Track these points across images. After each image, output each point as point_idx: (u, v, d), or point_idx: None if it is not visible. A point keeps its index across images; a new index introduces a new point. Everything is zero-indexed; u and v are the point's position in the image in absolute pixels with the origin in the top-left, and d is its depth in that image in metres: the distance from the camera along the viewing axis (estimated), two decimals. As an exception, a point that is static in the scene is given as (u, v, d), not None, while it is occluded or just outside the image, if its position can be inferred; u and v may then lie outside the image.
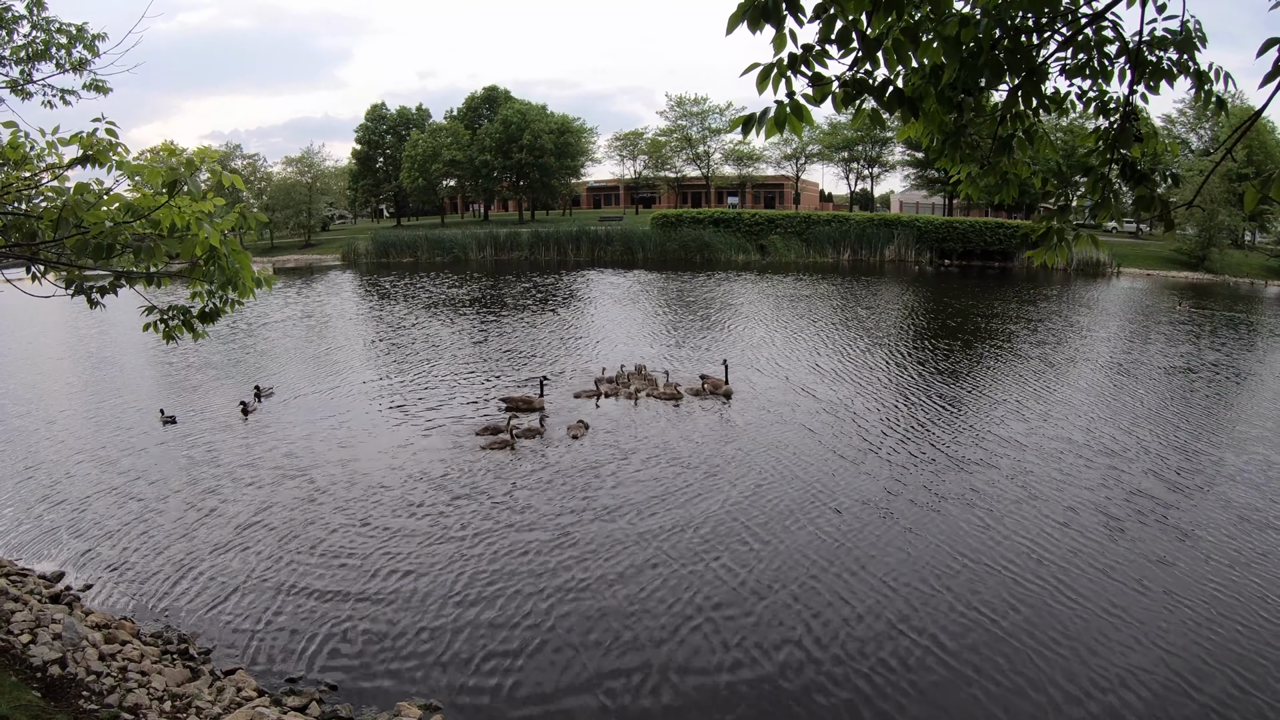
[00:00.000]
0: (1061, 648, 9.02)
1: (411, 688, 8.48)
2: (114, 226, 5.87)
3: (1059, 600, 10.07)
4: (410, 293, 46.75)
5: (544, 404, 19.45)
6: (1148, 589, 10.37)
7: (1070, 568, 10.93)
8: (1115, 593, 10.27)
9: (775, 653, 9.02)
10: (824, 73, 4.62)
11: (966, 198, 6.23)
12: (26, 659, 7.94)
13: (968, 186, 6.03)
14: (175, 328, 7.13)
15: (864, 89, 4.82)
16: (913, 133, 5.59)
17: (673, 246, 68.01)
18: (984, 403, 19.80)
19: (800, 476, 14.47)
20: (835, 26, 4.53)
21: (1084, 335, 30.27)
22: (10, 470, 15.50)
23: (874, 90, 4.86)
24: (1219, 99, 5.20)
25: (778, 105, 4.54)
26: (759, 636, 9.35)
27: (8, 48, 9.67)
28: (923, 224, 67.45)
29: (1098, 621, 9.57)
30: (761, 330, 30.69)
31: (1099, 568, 10.95)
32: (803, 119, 4.55)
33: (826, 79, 4.66)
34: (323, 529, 12.50)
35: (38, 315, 37.32)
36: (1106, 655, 8.88)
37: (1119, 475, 14.51)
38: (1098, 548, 11.57)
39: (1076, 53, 5.09)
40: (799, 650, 9.05)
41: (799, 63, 4.51)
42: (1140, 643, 9.14)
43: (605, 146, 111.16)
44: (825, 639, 9.27)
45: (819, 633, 9.41)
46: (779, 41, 4.37)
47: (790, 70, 4.49)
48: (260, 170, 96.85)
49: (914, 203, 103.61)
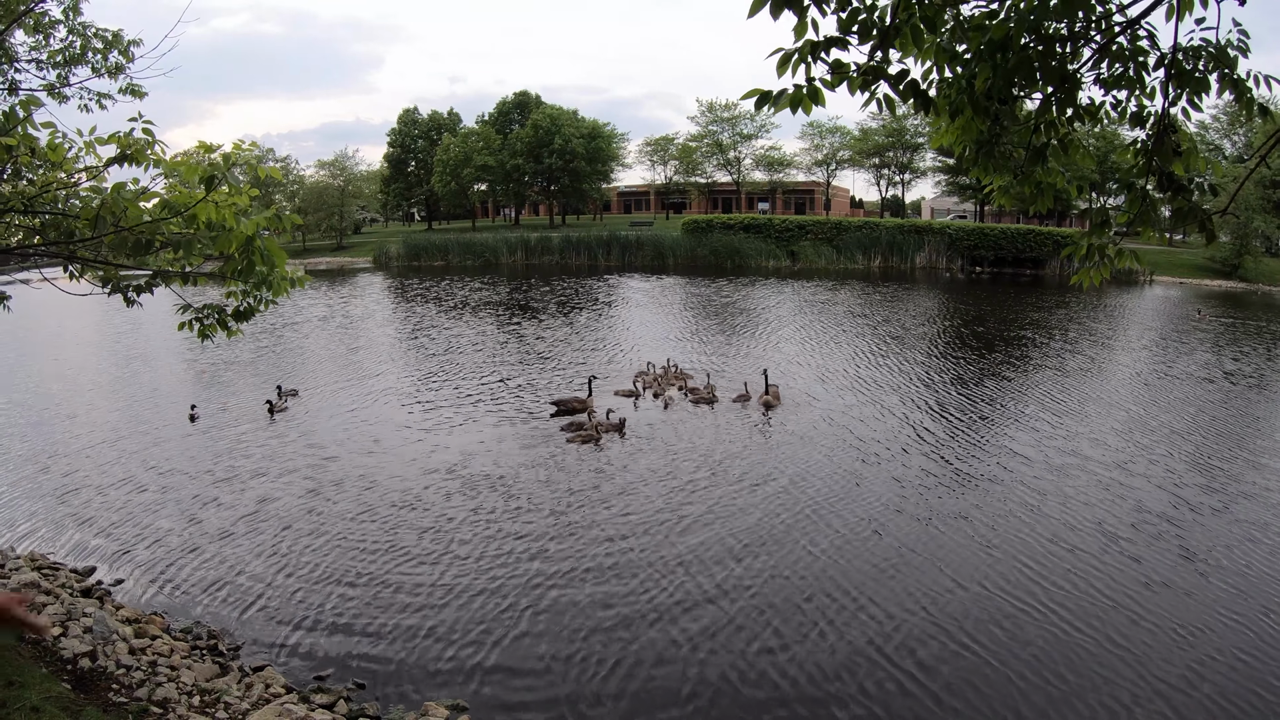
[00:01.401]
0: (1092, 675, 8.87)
1: (439, 687, 8.49)
2: (152, 223, 5.94)
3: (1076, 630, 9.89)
4: (441, 296, 47.03)
5: (594, 404, 19.45)
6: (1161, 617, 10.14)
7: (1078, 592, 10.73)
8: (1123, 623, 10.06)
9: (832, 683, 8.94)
10: (844, 59, 4.69)
11: (999, 205, 6.16)
12: (57, 651, 8.03)
13: (1001, 196, 5.97)
14: (210, 327, 7.20)
15: (880, 75, 4.81)
16: (946, 140, 5.55)
17: (703, 252, 67.85)
18: (1019, 416, 19.48)
19: (840, 489, 14.35)
20: (858, 18, 4.60)
21: (1111, 345, 29.70)
22: (43, 466, 15.74)
23: (890, 78, 4.86)
24: (1261, 106, 5.08)
25: (795, 88, 4.62)
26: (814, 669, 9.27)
27: (44, 51, 9.84)
28: (954, 231, 66.82)
29: (1103, 653, 9.38)
30: (793, 337, 30.52)
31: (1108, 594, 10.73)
32: (817, 101, 4.64)
33: (845, 65, 4.71)
34: (351, 528, 12.57)
35: (73, 312, 37.86)
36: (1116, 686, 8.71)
37: (1138, 492, 14.10)
38: (1102, 568, 11.21)
39: (1112, 63, 5.00)
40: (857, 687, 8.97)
41: (819, 49, 4.56)
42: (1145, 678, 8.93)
43: (636, 152, 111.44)
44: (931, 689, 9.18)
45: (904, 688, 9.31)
46: (800, 29, 4.42)
47: (811, 57, 4.55)
48: (292, 173, 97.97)
49: (945, 209, 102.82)
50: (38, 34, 9.72)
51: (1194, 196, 5.38)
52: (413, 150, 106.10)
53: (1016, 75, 4.82)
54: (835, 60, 4.62)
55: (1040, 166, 5.67)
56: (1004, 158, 5.67)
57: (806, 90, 4.60)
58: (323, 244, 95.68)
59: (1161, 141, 5.24)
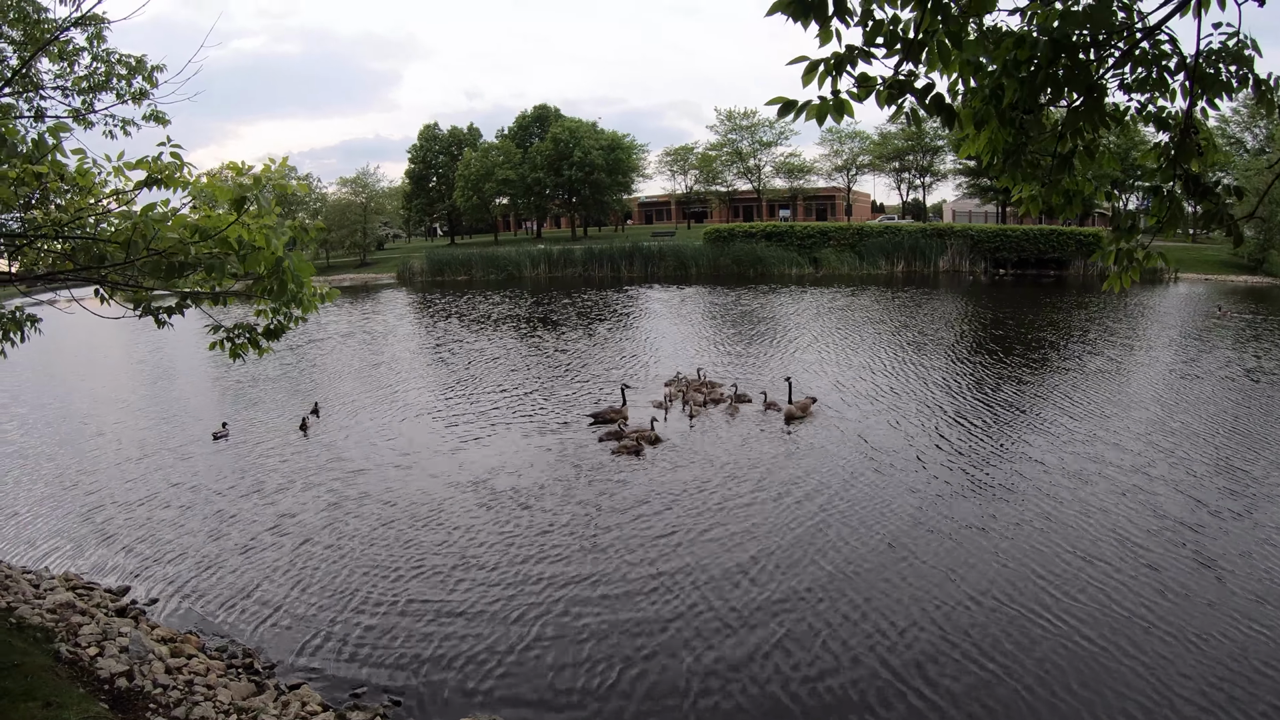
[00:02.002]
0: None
1: (474, 706, 8.46)
2: (183, 245, 5.99)
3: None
4: (466, 310, 47.26)
5: (627, 412, 19.50)
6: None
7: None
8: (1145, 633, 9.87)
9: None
10: (869, 72, 4.63)
11: (1026, 211, 6.12)
12: (94, 671, 8.08)
13: (1031, 206, 5.92)
14: (241, 346, 7.24)
15: (906, 89, 4.77)
16: (972, 150, 5.51)
17: (725, 261, 67.72)
18: (1038, 420, 19.22)
19: (862, 501, 14.25)
20: (881, 29, 4.53)
21: (1131, 345, 29.09)
22: (76, 486, 15.91)
23: (916, 92, 4.81)
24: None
25: (820, 100, 4.56)
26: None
27: (69, 79, 9.96)
28: (976, 233, 66.38)
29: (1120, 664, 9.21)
30: (816, 345, 30.37)
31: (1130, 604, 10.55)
32: (844, 112, 4.59)
33: (871, 79, 4.65)
34: (384, 545, 12.61)
35: (99, 334, 38.30)
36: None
37: (1157, 497, 13.82)
38: (1118, 576, 10.98)
39: (1135, 67, 4.96)
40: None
41: (845, 61, 4.50)
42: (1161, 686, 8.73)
43: (656, 162, 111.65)
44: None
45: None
46: (824, 36, 4.35)
47: (836, 70, 4.50)
48: (315, 191, 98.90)
49: (967, 211, 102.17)
50: (62, 61, 9.85)
51: (1220, 200, 5.32)
52: (434, 166, 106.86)
53: (1044, 87, 4.77)
54: (861, 74, 4.57)
55: (1067, 174, 5.62)
56: (1031, 166, 5.62)
57: (833, 102, 4.55)
58: (346, 261, 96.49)
59: (1184, 143, 5.20)
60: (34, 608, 9.62)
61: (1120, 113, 5.22)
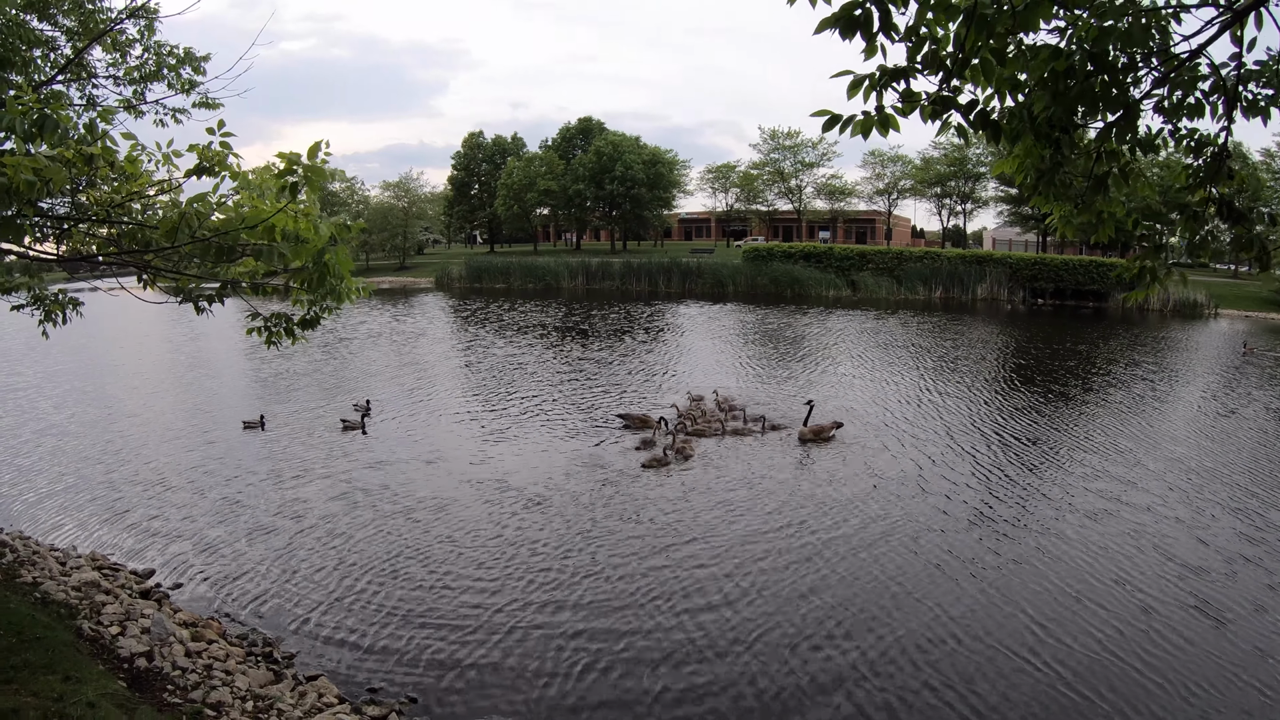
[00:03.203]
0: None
1: (491, 706, 8.43)
2: (233, 233, 6.08)
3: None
4: (503, 318, 47.55)
5: (655, 420, 19.61)
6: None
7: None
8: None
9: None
10: (914, 88, 4.69)
11: (1061, 235, 6.13)
12: (115, 649, 8.17)
13: (1062, 226, 5.95)
14: (276, 334, 7.33)
15: (950, 105, 4.78)
16: (1007, 168, 5.54)
17: (763, 280, 67.45)
18: (1052, 458, 18.82)
19: (867, 529, 14.08)
20: (924, 47, 4.59)
21: (1156, 381, 28.43)
22: (108, 471, 16.15)
23: (960, 108, 4.86)
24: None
25: (865, 115, 4.63)
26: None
27: (121, 69, 10.17)
28: (1014, 261, 65.57)
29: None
30: (852, 370, 30.16)
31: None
32: (888, 126, 4.65)
33: (916, 94, 4.71)
34: (411, 543, 12.64)
35: (133, 320, 38.96)
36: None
37: (1167, 540, 13.33)
38: (1117, 623, 10.63)
39: (1172, 90, 4.95)
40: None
41: (889, 78, 4.59)
42: None
43: (697, 179, 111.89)
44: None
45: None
46: (869, 50, 4.40)
47: (881, 85, 4.58)
48: (358, 193, 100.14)
49: (1007, 240, 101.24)
50: (115, 52, 10.06)
51: (1257, 228, 5.33)
52: (476, 173, 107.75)
53: (1079, 103, 4.76)
54: (906, 89, 4.64)
55: (1101, 196, 5.62)
56: (1064, 186, 5.62)
57: (878, 116, 4.61)
58: (386, 264, 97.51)
59: (1218, 167, 5.24)
60: (59, 584, 9.76)
61: (1153, 136, 5.22)
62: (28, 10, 9.29)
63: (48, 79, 9.23)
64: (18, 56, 9.29)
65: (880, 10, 4.28)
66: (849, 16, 4.25)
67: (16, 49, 9.18)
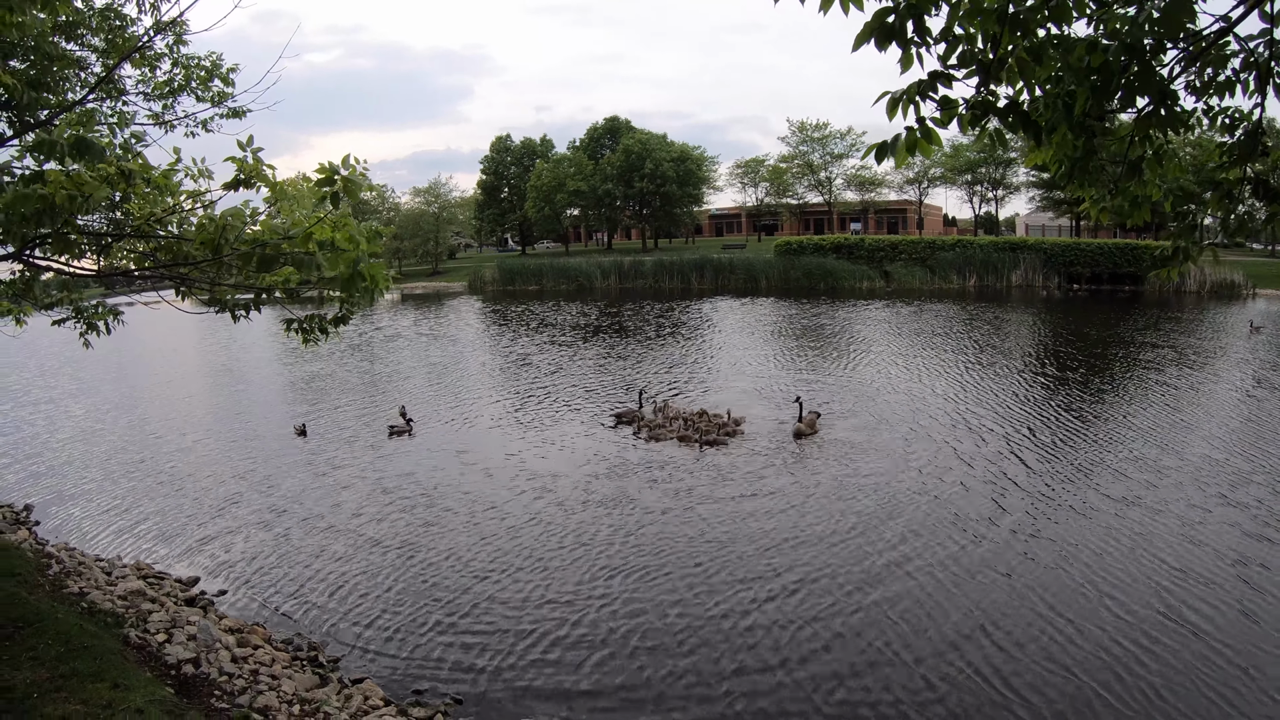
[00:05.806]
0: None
1: (535, 708, 8.46)
2: (275, 243, 6.18)
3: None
4: (538, 319, 47.69)
5: (645, 414, 20.13)
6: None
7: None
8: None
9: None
10: (950, 95, 4.65)
11: (1095, 220, 6.07)
12: (161, 657, 8.29)
13: (1096, 211, 5.87)
14: (312, 334, 7.43)
15: (989, 110, 4.76)
16: (1041, 158, 5.46)
17: (796, 274, 67.13)
18: (1085, 450, 18.48)
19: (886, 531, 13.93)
20: (959, 49, 4.56)
21: (1194, 366, 27.68)
22: (154, 480, 16.43)
23: (999, 111, 4.82)
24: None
25: (908, 131, 4.59)
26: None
27: (151, 84, 10.32)
28: (1049, 246, 64.51)
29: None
30: (885, 363, 29.89)
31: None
32: (931, 141, 4.61)
33: (953, 101, 4.68)
34: (454, 547, 12.73)
35: (169, 330, 39.54)
36: None
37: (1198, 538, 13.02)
38: (1142, 625, 10.38)
39: (1204, 69, 4.89)
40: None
41: (926, 88, 4.54)
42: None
43: (726, 174, 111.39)
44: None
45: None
46: (906, 61, 4.39)
47: (919, 96, 4.54)
48: (389, 200, 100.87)
49: (1040, 225, 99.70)
50: (144, 67, 10.21)
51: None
52: (505, 176, 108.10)
53: (1114, 92, 4.68)
54: (943, 97, 4.60)
55: (1136, 180, 5.56)
56: (1098, 172, 5.54)
57: (920, 131, 4.57)
58: (419, 269, 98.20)
59: (1253, 145, 5.20)
60: (105, 594, 9.92)
61: (1187, 115, 5.13)
62: (56, 33, 9.45)
63: (79, 98, 9.37)
64: (49, 77, 9.46)
65: (914, 17, 4.27)
66: (883, 24, 4.25)
67: (49, 70, 9.36)
